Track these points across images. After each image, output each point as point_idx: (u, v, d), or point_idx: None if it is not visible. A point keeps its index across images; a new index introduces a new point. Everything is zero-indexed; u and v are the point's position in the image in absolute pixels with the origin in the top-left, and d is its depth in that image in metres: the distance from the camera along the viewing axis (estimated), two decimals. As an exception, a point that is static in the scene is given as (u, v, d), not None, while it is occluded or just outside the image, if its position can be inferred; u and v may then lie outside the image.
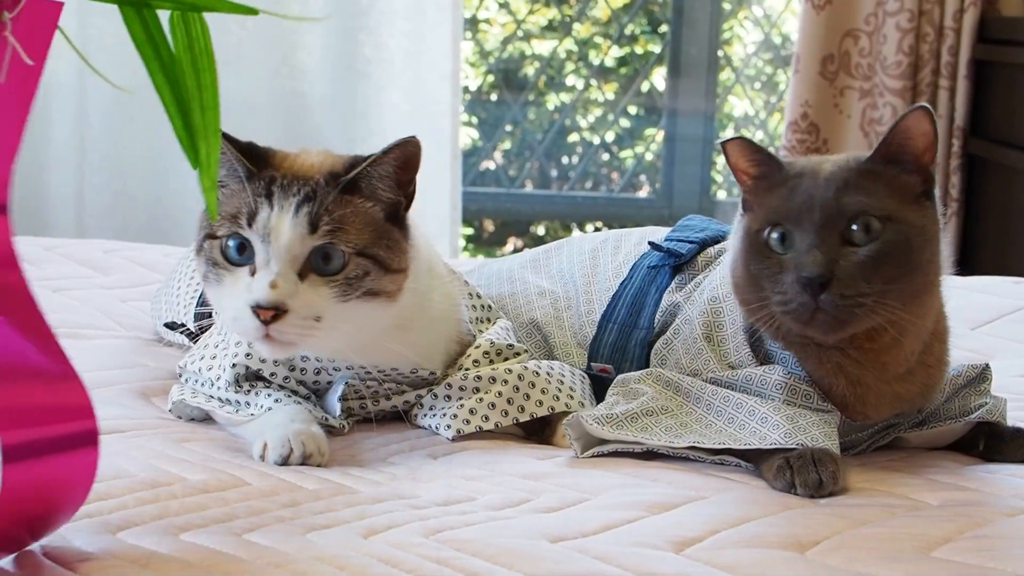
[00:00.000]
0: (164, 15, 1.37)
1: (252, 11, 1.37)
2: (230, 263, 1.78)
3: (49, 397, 1.36)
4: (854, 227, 1.70)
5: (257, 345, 1.79)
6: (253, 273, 1.75)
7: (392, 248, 1.80)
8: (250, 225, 1.76)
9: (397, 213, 1.82)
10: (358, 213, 1.78)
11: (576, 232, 5.08)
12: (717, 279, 1.90)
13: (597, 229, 4.91)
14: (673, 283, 1.97)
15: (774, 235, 1.73)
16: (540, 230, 5.20)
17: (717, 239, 2.00)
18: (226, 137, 1.79)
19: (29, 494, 1.35)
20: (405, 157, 1.79)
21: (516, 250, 4.75)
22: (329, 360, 1.86)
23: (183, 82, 1.36)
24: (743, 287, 1.77)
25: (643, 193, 5.15)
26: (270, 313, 1.72)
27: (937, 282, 1.78)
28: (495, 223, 5.28)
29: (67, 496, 1.39)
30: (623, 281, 2.02)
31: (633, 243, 2.07)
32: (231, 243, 1.77)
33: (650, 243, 2.03)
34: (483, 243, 5.30)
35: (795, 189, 1.73)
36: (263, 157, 1.82)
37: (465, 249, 5.12)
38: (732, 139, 1.78)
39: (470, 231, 5.21)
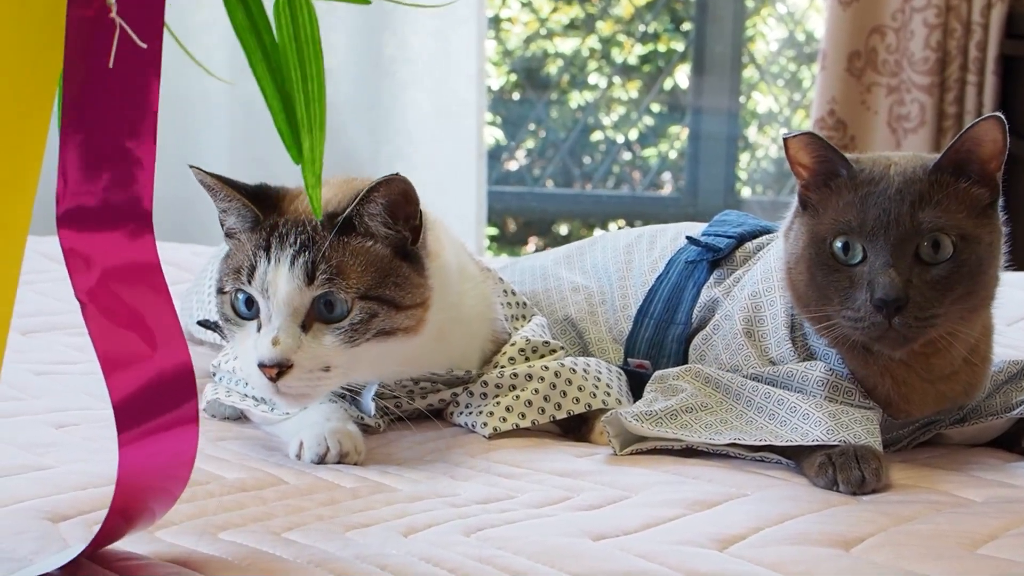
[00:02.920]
0: (268, 2, 1.31)
1: (365, 0, 1.34)
2: (240, 317, 1.76)
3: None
4: (927, 244, 1.69)
5: (274, 400, 1.77)
6: (259, 329, 1.74)
7: (402, 285, 1.77)
8: (250, 281, 1.74)
9: (405, 248, 1.79)
10: (358, 255, 1.74)
11: (599, 231, 5.07)
12: (758, 274, 1.89)
13: (620, 228, 4.89)
14: (711, 278, 1.96)
15: (840, 243, 1.71)
16: (563, 229, 5.19)
17: (755, 234, 1.98)
18: (235, 184, 1.77)
19: (147, 472, 1.33)
20: (391, 195, 1.74)
21: (538, 249, 4.73)
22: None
23: (287, 73, 1.31)
24: (806, 294, 1.75)
25: (667, 191, 5.13)
26: (274, 371, 1.70)
27: (995, 294, 1.77)
28: (517, 222, 5.27)
29: (177, 474, 1.37)
30: (659, 276, 2.00)
31: (669, 238, 2.05)
32: (239, 297, 1.76)
33: (687, 238, 2.02)
34: (505, 243, 5.29)
35: (867, 199, 1.71)
36: (272, 200, 1.79)
37: (489, 248, 5.11)
38: (799, 134, 1.74)
39: (494, 231, 5.20)
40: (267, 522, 1.49)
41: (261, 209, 1.78)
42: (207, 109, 4.12)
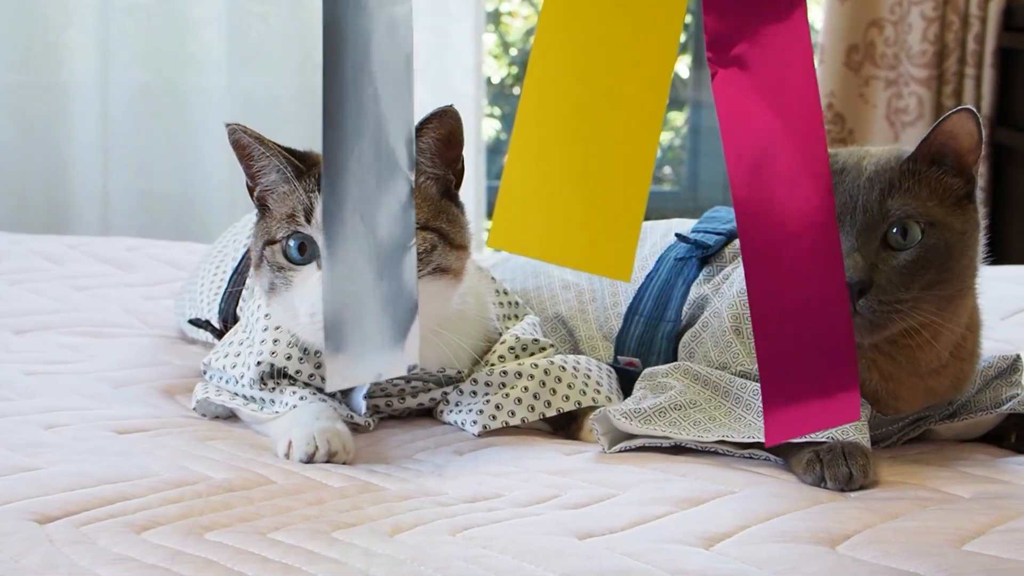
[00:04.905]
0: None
1: None
2: (293, 263, 1.78)
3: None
4: (895, 231, 1.69)
5: None
6: (320, 268, 1.74)
7: (453, 222, 1.82)
8: (308, 220, 1.76)
9: (449, 190, 1.81)
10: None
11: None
12: (746, 271, 1.88)
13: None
14: (701, 275, 1.96)
15: None
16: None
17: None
18: (271, 142, 1.79)
19: None
20: (441, 130, 1.78)
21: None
22: None
23: None
24: None
25: (668, 186, 5.13)
26: None
27: (973, 283, 1.77)
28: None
29: None
30: (649, 273, 2.00)
31: (659, 235, 2.05)
32: (291, 243, 1.78)
33: (677, 235, 2.02)
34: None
35: (836, 187, 1.71)
36: (306, 158, 1.82)
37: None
38: None
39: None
40: (254, 522, 1.49)
41: (300, 163, 1.80)
42: (205, 104, 4.11)
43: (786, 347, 1.29)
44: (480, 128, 4.30)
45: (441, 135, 1.77)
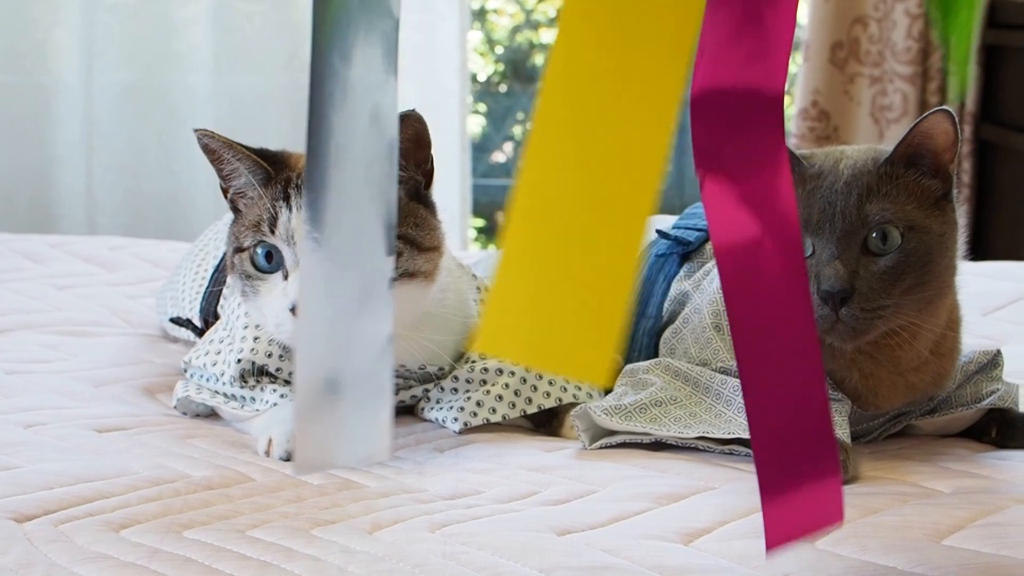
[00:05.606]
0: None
1: None
2: (261, 271, 1.77)
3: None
4: (874, 236, 1.68)
5: None
6: (286, 277, 1.74)
7: (421, 226, 1.80)
8: (272, 231, 1.75)
9: (419, 191, 1.81)
10: None
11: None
12: (726, 268, 1.88)
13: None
14: (682, 271, 1.96)
15: None
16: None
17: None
18: (240, 146, 1.78)
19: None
20: (411, 132, 1.77)
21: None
22: None
23: None
24: None
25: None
26: None
27: (953, 282, 1.77)
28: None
29: None
30: (630, 270, 2.00)
31: (640, 232, 2.05)
32: (259, 251, 1.77)
33: (658, 231, 2.02)
34: (494, 235, 5.28)
35: (813, 194, 1.70)
36: (277, 160, 1.81)
37: (476, 240, 5.10)
38: None
39: (481, 223, 5.20)
40: (232, 520, 1.49)
41: (270, 166, 1.79)
42: (191, 104, 4.11)
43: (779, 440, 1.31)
44: (465, 125, 4.30)
45: (408, 136, 1.77)
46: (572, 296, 1.17)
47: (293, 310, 1.72)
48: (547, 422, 1.91)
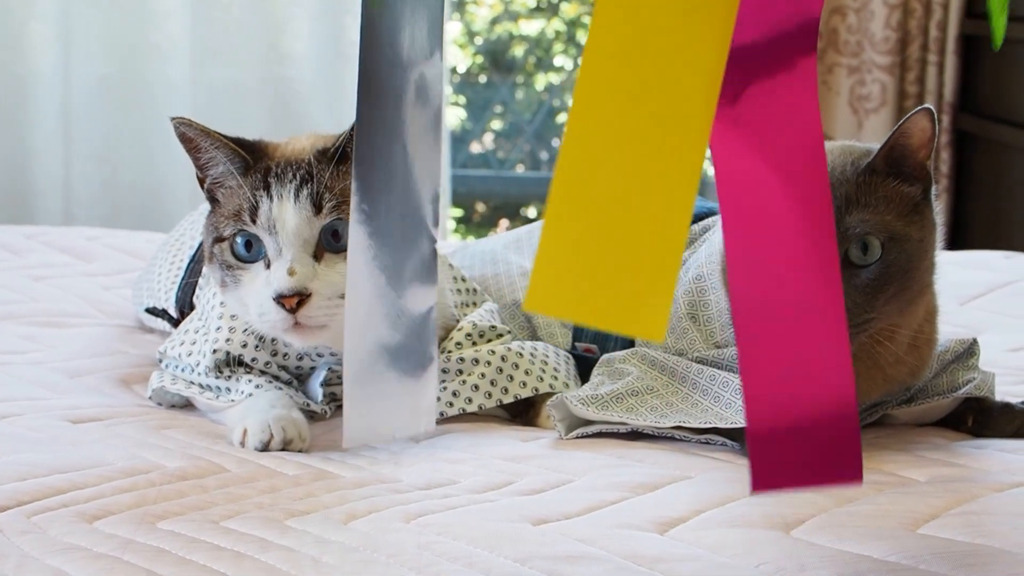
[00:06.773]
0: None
1: None
2: (241, 261, 1.76)
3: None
4: (855, 247, 1.68)
5: (287, 337, 1.77)
6: (268, 266, 1.74)
7: None
8: (253, 220, 1.75)
9: None
10: None
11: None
12: (703, 257, 1.88)
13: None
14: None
15: None
16: (531, 212, 5.18)
17: (700, 216, 1.98)
18: (217, 134, 1.77)
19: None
20: None
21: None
22: (312, 346, 1.84)
23: None
24: None
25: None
26: (294, 300, 1.71)
27: (932, 280, 1.76)
28: (487, 205, 5.27)
29: None
30: (607, 260, 1.99)
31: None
32: (239, 240, 1.76)
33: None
34: (474, 225, 5.28)
35: None
36: (255, 149, 1.81)
37: (456, 231, 5.10)
38: None
39: (460, 212, 5.20)
40: (206, 511, 1.49)
41: (249, 155, 1.79)
42: (168, 95, 4.10)
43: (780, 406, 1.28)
44: (444, 116, 4.30)
45: None
46: (625, 252, 1.15)
47: (278, 299, 1.71)
48: (523, 412, 1.91)
